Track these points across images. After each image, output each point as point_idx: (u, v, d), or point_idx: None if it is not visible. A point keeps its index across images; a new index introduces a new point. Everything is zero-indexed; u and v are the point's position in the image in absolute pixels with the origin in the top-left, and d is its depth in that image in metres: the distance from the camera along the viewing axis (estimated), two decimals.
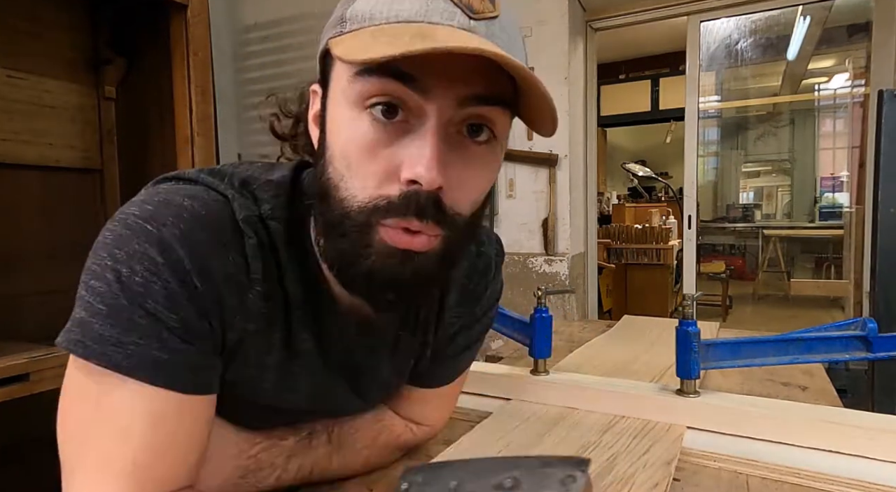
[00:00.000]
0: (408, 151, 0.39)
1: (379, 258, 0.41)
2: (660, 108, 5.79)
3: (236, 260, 0.44)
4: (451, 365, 0.64)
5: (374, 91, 0.39)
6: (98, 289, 0.40)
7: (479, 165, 0.43)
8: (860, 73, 5.15)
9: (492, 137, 0.42)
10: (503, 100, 0.41)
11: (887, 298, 1.14)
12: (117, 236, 0.40)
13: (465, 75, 0.39)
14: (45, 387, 1.37)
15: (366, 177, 0.40)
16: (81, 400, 0.41)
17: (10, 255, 1.71)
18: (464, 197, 0.42)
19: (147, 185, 0.47)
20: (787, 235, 6.38)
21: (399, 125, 0.40)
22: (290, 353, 0.50)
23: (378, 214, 0.40)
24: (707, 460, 0.69)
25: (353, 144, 0.40)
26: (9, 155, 1.69)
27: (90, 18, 1.91)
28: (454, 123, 0.40)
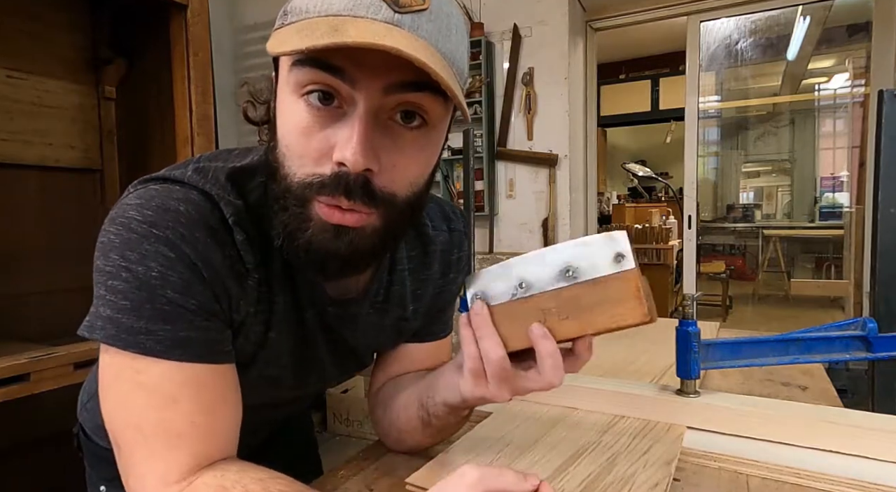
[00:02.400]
0: (339, 135, 0.43)
1: (315, 232, 0.45)
2: (660, 108, 5.80)
3: (232, 254, 0.49)
4: (442, 320, 0.72)
5: (306, 80, 0.42)
6: (117, 287, 0.44)
7: (412, 150, 0.46)
8: (860, 73, 5.16)
9: (423, 123, 0.45)
10: (432, 87, 0.42)
11: (887, 298, 1.14)
12: (125, 240, 0.45)
13: (390, 65, 0.40)
14: (46, 387, 1.38)
15: (302, 156, 0.44)
16: (121, 383, 0.46)
17: (11, 255, 1.71)
18: (398, 179, 0.46)
19: (134, 183, 0.50)
20: (788, 235, 6.38)
21: (334, 111, 0.43)
22: (278, 328, 0.55)
23: (312, 190, 0.44)
24: (707, 460, 0.69)
25: (290, 127, 0.44)
26: (9, 155, 1.69)
27: (90, 18, 1.91)
28: (385, 109, 0.44)
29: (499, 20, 2.85)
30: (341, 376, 0.68)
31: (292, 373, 0.60)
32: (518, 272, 0.48)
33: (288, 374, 0.60)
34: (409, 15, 0.41)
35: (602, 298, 0.45)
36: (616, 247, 0.44)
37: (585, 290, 0.45)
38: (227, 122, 3.31)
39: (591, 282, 0.45)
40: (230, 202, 0.49)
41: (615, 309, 0.44)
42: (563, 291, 0.46)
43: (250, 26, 3.45)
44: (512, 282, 0.48)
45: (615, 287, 0.44)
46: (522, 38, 2.84)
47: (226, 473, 0.46)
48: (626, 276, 0.44)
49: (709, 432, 0.73)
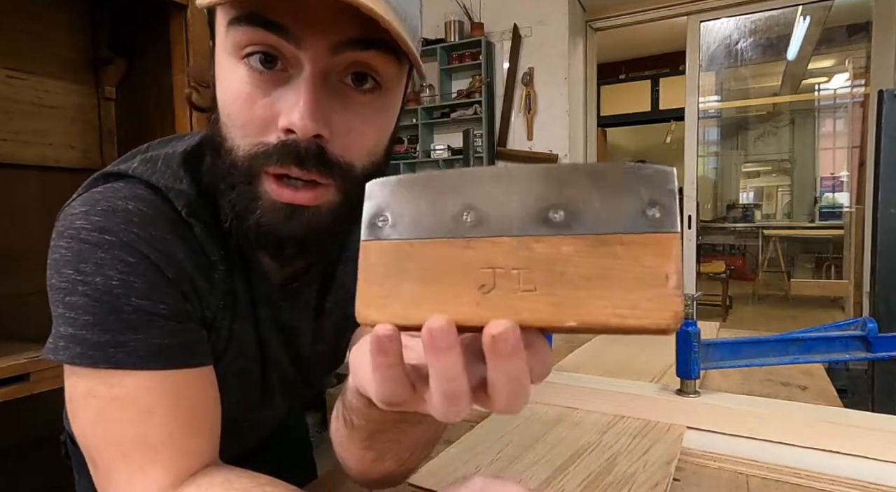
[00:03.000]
0: (284, 100, 0.39)
1: (265, 212, 0.41)
2: (660, 108, 5.80)
3: (194, 247, 0.46)
4: None
5: (245, 40, 0.38)
6: (76, 303, 0.41)
7: (366, 114, 0.42)
8: (860, 73, 5.16)
9: (377, 85, 0.41)
10: (383, 44, 0.39)
11: (887, 298, 1.14)
12: (77, 252, 0.41)
13: (336, 21, 0.37)
14: (46, 387, 1.38)
15: (245, 126, 0.40)
16: (94, 401, 0.42)
17: (11, 255, 1.71)
18: (354, 146, 0.42)
19: (82, 186, 0.47)
20: (788, 235, 6.38)
21: (278, 74, 0.39)
22: (237, 318, 0.51)
23: (259, 162, 0.40)
24: (707, 460, 0.69)
25: (231, 94, 0.40)
26: (9, 155, 1.69)
27: (90, 18, 1.91)
28: (336, 71, 0.40)
29: (499, 20, 2.86)
30: (306, 377, 0.62)
31: (256, 370, 0.56)
32: (466, 193, 0.27)
33: (254, 366, 0.55)
34: None
35: (606, 270, 0.25)
36: (653, 189, 0.24)
37: (580, 249, 0.25)
38: None
39: (594, 239, 0.25)
40: (180, 192, 0.45)
41: (626, 295, 0.24)
42: (539, 243, 0.26)
43: None
44: (449, 207, 0.27)
45: (636, 257, 0.24)
46: (522, 38, 2.84)
47: (210, 488, 0.43)
48: (661, 241, 0.24)
49: (709, 432, 0.73)
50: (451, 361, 0.25)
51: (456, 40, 2.98)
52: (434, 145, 3.22)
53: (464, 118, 3.05)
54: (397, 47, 0.39)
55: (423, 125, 3.27)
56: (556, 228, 0.26)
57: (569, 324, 0.25)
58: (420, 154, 3.26)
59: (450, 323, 0.24)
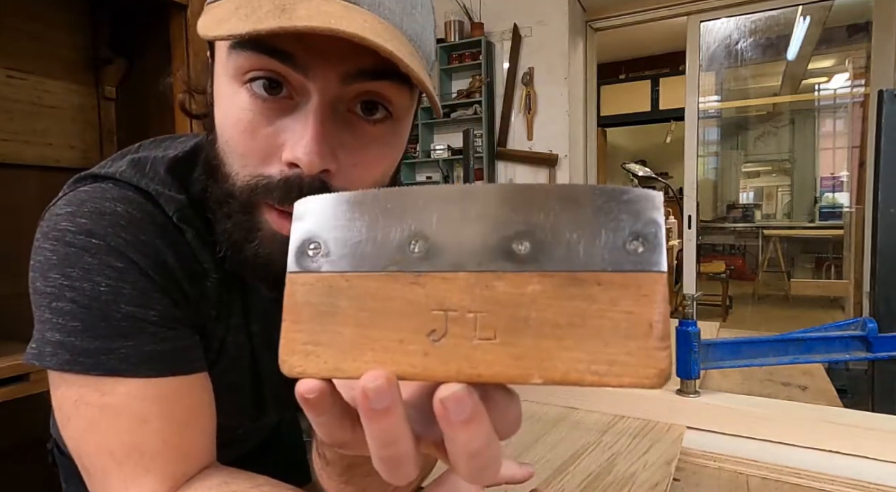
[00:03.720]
0: (290, 130, 0.36)
1: (264, 244, 0.39)
2: (660, 108, 5.80)
3: (185, 252, 0.44)
4: None
5: (248, 66, 0.36)
6: (63, 308, 0.39)
7: (377, 146, 0.39)
8: (860, 73, 5.16)
9: (388, 115, 0.39)
10: (396, 74, 0.36)
11: (887, 298, 1.14)
12: (63, 256, 0.40)
13: (347, 50, 0.34)
14: (45, 387, 1.37)
15: (245, 155, 0.38)
16: (85, 409, 0.40)
17: (11, 255, 1.71)
18: (361, 179, 0.39)
19: (66, 185, 0.45)
20: (788, 235, 6.38)
21: (282, 102, 0.37)
22: (231, 330, 0.49)
23: (259, 194, 0.38)
24: (707, 460, 0.69)
25: (231, 120, 0.37)
26: (9, 155, 1.69)
27: (90, 18, 1.91)
28: (344, 101, 0.37)
29: (499, 20, 2.86)
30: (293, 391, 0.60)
31: (250, 380, 0.53)
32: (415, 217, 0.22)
33: (246, 381, 0.53)
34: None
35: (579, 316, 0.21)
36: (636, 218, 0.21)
37: (548, 289, 0.21)
38: None
39: (565, 277, 0.21)
40: (171, 198, 0.43)
41: (602, 347, 0.20)
42: (500, 281, 0.21)
43: None
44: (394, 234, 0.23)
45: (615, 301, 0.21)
46: (522, 38, 2.84)
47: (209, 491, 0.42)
48: (644, 282, 0.20)
49: (709, 432, 0.74)
50: (390, 424, 0.21)
51: (456, 40, 2.99)
52: (434, 145, 3.22)
53: (464, 118, 3.05)
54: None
55: (422, 125, 3.27)
56: (520, 264, 0.21)
57: (534, 381, 0.21)
58: (420, 154, 3.26)
59: (389, 380, 0.20)
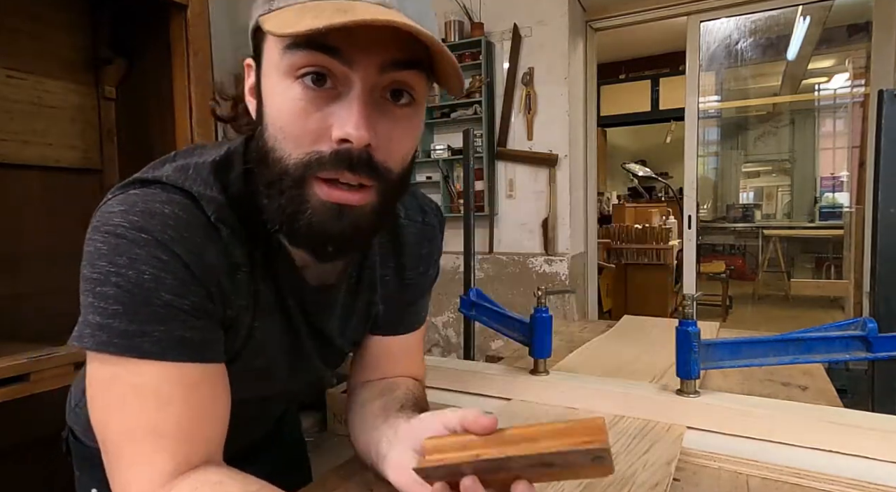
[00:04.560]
0: (337, 114, 0.44)
1: (316, 212, 0.46)
2: (660, 108, 5.79)
3: (220, 250, 0.49)
4: (412, 312, 0.71)
5: (302, 62, 0.43)
6: (107, 293, 0.44)
7: (404, 126, 0.47)
8: (860, 73, 5.16)
9: (412, 100, 0.47)
10: (419, 64, 0.45)
11: (887, 298, 1.14)
12: (113, 247, 0.44)
13: (383, 45, 0.43)
14: (46, 387, 1.37)
15: (298, 137, 0.44)
16: (115, 387, 0.45)
17: (11, 255, 1.71)
18: (393, 154, 0.47)
19: (112, 189, 0.50)
20: (787, 235, 6.39)
21: (328, 92, 0.44)
22: (265, 319, 0.55)
23: (312, 168, 0.45)
24: (707, 460, 0.69)
25: (286, 109, 0.44)
26: (9, 155, 1.69)
27: (90, 18, 1.91)
28: (378, 88, 0.45)
29: (499, 20, 2.86)
30: (326, 367, 0.68)
31: (281, 363, 0.60)
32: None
33: (276, 365, 0.60)
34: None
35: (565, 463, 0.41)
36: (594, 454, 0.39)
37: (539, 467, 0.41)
38: None
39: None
40: (211, 199, 0.49)
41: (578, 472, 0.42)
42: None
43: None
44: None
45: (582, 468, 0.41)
46: (522, 38, 2.84)
47: (203, 486, 0.45)
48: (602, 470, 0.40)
49: (709, 432, 0.73)
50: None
51: (456, 40, 2.98)
52: (434, 145, 3.22)
53: (464, 118, 3.05)
54: (428, 67, 0.46)
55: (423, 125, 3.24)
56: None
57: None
58: (420, 154, 3.26)
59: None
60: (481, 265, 2.94)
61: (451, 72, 0.46)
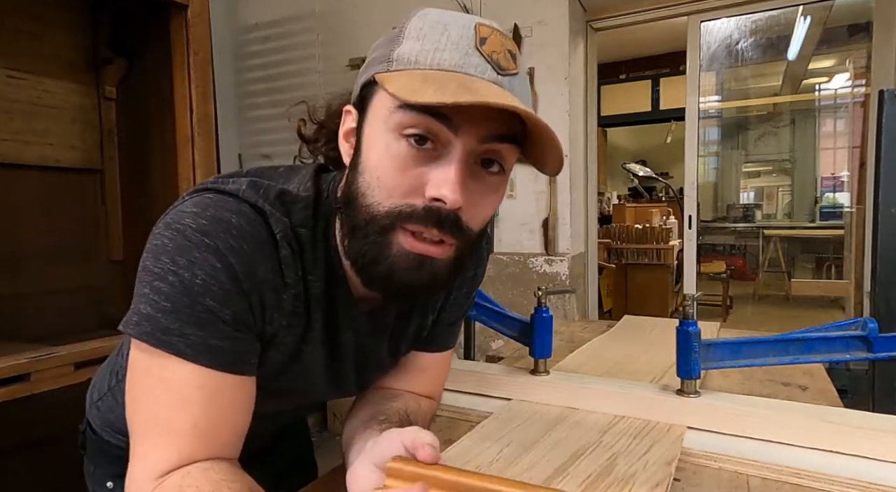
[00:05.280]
0: (435, 174, 0.47)
1: (398, 261, 0.48)
2: (660, 108, 5.79)
3: (274, 267, 0.51)
4: (449, 331, 0.73)
5: (412, 123, 0.46)
6: (162, 289, 0.47)
7: (491, 192, 0.51)
8: (860, 73, 5.16)
9: (501, 170, 0.51)
10: (515, 139, 0.49)
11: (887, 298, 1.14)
12: (178, 246, 0.47)
13: (488, 118, 0.46)
14: (46, 387, 1.37)
15: (393, 188, 0.47)
16: (147, 377, 0.49)
17: (11, 255, 1.71)
18: (476, 216, 0.50)
19: (189, 191, 0.53)
20: (788, 235, 6.38)
21: (428, 152, 0.47)
22: (310, 342, 0.57)
23: (401, 219, 0.48)
24: (707, 460, 0.69)
25: (386, 161, 0.47)
26: (9, 155, 1.69)
27: (90, 18, 1.91)
28: (473, 155, 0.48)
29: (499, 20, 2.83)
30: (361, 388, 0.70)
31: (321, 385, 0.63)
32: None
33: (317, 386, 0.63)
34: (507, 77, 0.48)
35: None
36: None
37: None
38: (227, 122, 3.31)
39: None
40: (279, 219, 0.52)
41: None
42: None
43: (250, 26, 3.45)
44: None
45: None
46: (522, 38, 2.84)
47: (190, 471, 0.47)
48: None
49: (709, 432, 0.73)
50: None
51: None
52: None
53: None
54: (521, 140, 0.50)
55: None
56: None
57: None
58: None
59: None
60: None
61: (551, 150, 0.49)
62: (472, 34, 0.48)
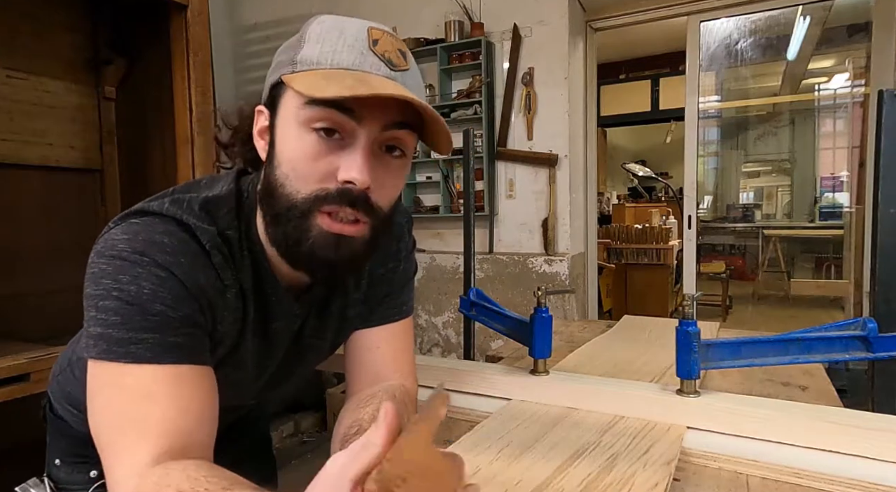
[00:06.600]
0: (344, 160, 0.52)
1: (317, 241, 0.53)
2: (660, 108, 5.79)
3: (211, 274, 0.55)
4: (388, 304, 0.75)
5: (319, 117, 0.51)
6: (108, 306, 0.49)
7: (394, 174, 0.57)
8: (860, 73, 5.16)
9: (403, 153, 0.56)
10: (412, 125, 0.55)
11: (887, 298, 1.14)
12: (117, 267, 0.50)
13: (386, 109, 0.52)
14: (46, 387, 1.37)
15: (308, 177, 0.53)
16: (107, 389, 0.50)
17: (11, 255, 1.71)
18: (384, 196, 0.56)
19: (115, 219, 0.56)
20: (788, 235, 6.38)
21: (336, 142, 0.52)
22: (246, 334, 0.61)
23: (318, 203, 0.53)
24: (707, 460, 0.69)
25: (299, 153, 0.53)
26: (9, 155, 1.69)
27: (90, 18, 1.91)
28: (378, 142, 0.54)
29: (499, 20, 2.86)
30: (288, 375, 0.74)
31: (251, 374, 0.66)
32: None
33: (248, 377, 0.66)
34: (399, 72, 0.53)
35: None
36: None
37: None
38: None
39: None
40: (205, 230, 0.55)
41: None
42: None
43: (250, 26, 3.45)
44: None
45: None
46: (522, 38, 2.84)
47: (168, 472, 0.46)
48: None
49: (709, 431, 0.73)
50: None
51: (456, 40, 2.98)
52: None
53: (464, 118, 3.05)
54: (419, 128, 0.55)
55: None
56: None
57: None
58: (420, 154, 3.26)
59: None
60: (481, 265, 2.94)
61: (441, 133, 0.55)
62: (366, 36, 0.53)
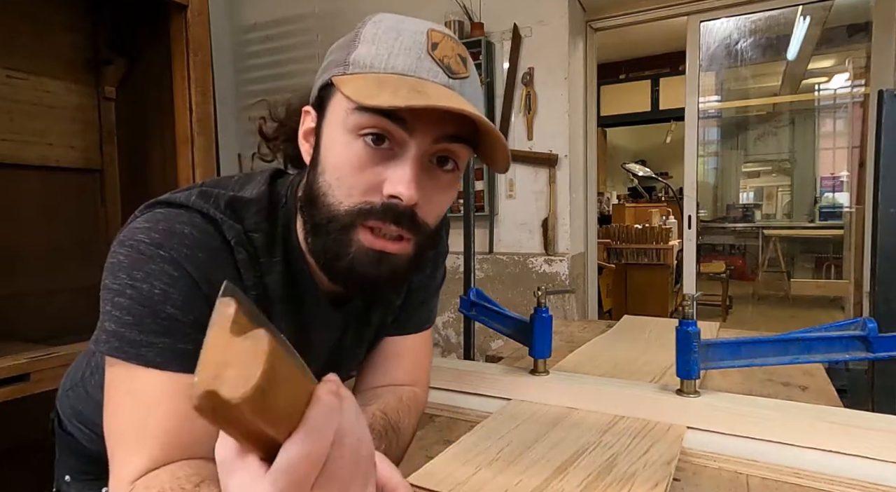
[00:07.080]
0: (391, 173, 0.49)
1: (357, 257, 0.51)
2: (660, 108, 5.79)
3: (231, 272, 0.53)
4: (420, 311, 0.74)
5: (369, 124, 0.48)
6: (122, 304, 0.48)
7: (445, 188, 0.53)
8: (860, 73, 5.16)
9: (455, 167, 0.53)
10: (466, 138, 0.51)
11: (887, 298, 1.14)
12: (133, 260, 0.49)
13: (441, 120, 0.49)
14: (46, 387, 1.38)
15: (352, 187, 0.50)
16: (117, 390, 0.50)
17: (11, 255, 1.71)
18: (432, 212, 0.53)
19: (141, 207, 0.54)
20: (788, 235, 6.38)
21: (385, 152, 0.49)
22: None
23: (361, 217, 0.50)
24: (707, 460, 0.69)
25: (345, 161, 0.50)
26: (9, 155, 1.69)
27: (90, 18, 1.91)
28: (428, 154, 0.51)
29: (499, 20, 2.85)
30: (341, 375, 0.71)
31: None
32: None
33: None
34: (458, 81, 0.50)
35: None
36: None
37: None
38: (226, 122, 3.31)
39: None
40: (231, 225, 0.53)
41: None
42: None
43: (250, 26, 3.45)
44: None
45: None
46: (522, 38, 2.84)
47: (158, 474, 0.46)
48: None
49: (709, 431, 0.73)
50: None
51: None
52: None
53: None
54: (473, 141, 0.52)
55: None
56: None
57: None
58: None
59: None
60: (481, 265, 2.94)
61: (497, 147, 0.51)
62: (424, 40, 0.50)
